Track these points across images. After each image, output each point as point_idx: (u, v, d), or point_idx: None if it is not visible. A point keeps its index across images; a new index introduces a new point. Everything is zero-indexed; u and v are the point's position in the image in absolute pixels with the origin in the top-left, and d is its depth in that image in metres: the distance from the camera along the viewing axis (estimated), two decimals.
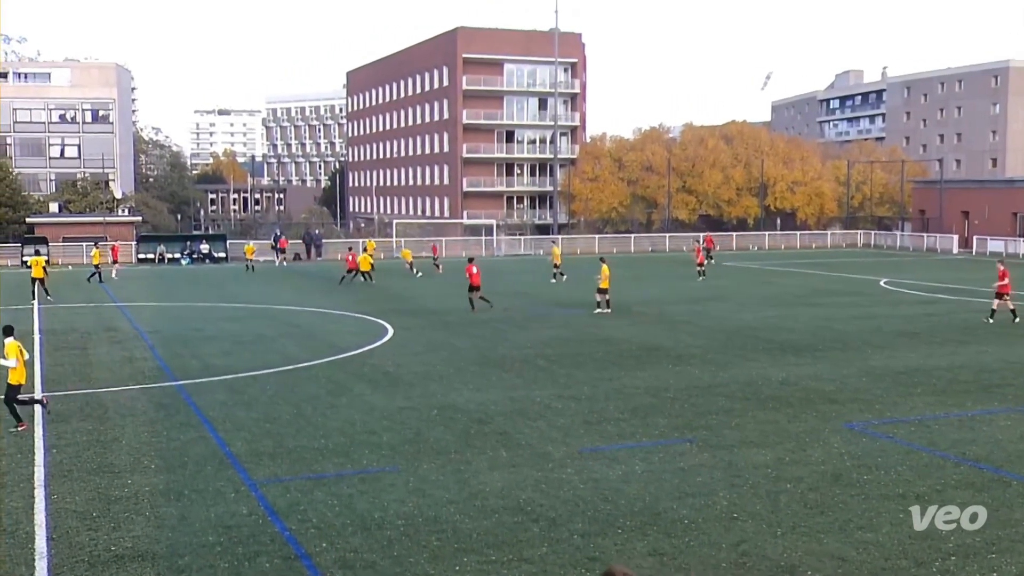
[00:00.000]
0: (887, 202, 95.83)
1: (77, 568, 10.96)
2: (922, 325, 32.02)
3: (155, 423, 17.99)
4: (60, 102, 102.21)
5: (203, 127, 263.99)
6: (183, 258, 66.39)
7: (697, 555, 11.38)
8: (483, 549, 11.52)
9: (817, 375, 22.74)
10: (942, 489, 13.84)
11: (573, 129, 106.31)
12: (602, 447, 16.25)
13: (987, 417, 18.51)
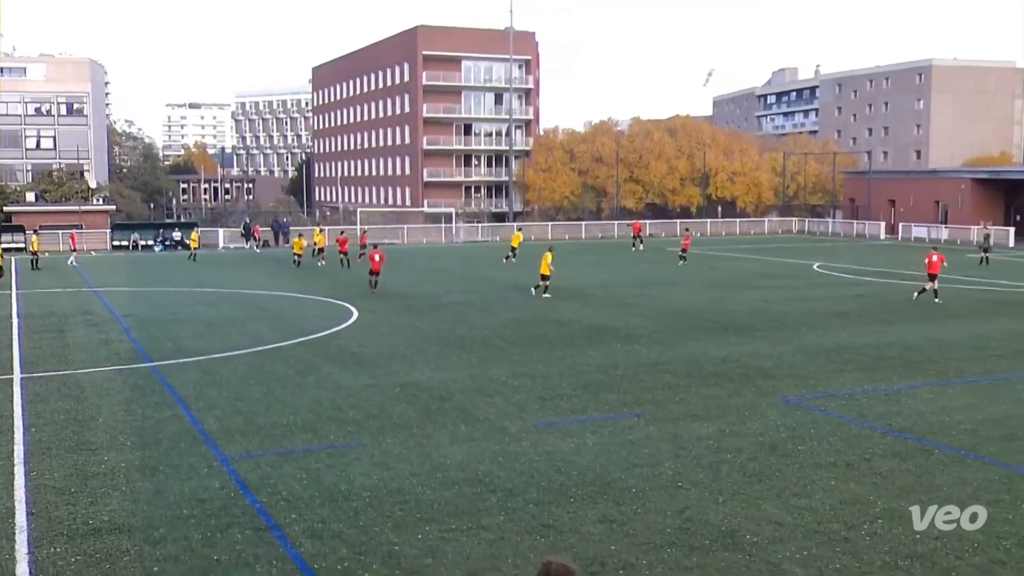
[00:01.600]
0: (820, 191, 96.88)
1: (56, 541, 10.86)
2: (852, 306, 32.43)
3: (130, 402, 17.83)
4: (36, 96, 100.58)
5: (174, 120, 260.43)
6: (156, 245, 65.66)
7: (644, 521, 11.48)
8: (444, 518, 11.56)
9: (756, 353, 22.98)
10: (870, 458, 14.08)
11: (527, 122, 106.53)
12: (555, 421, 16.33)
13: (911, 391, 18.81)
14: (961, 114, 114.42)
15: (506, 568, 10.15)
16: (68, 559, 10.36)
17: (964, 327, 27.41)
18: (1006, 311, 31.19)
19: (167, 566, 10.17)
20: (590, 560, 10.33)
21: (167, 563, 10.24)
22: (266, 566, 10.16)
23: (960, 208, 78.07)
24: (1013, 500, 12.22)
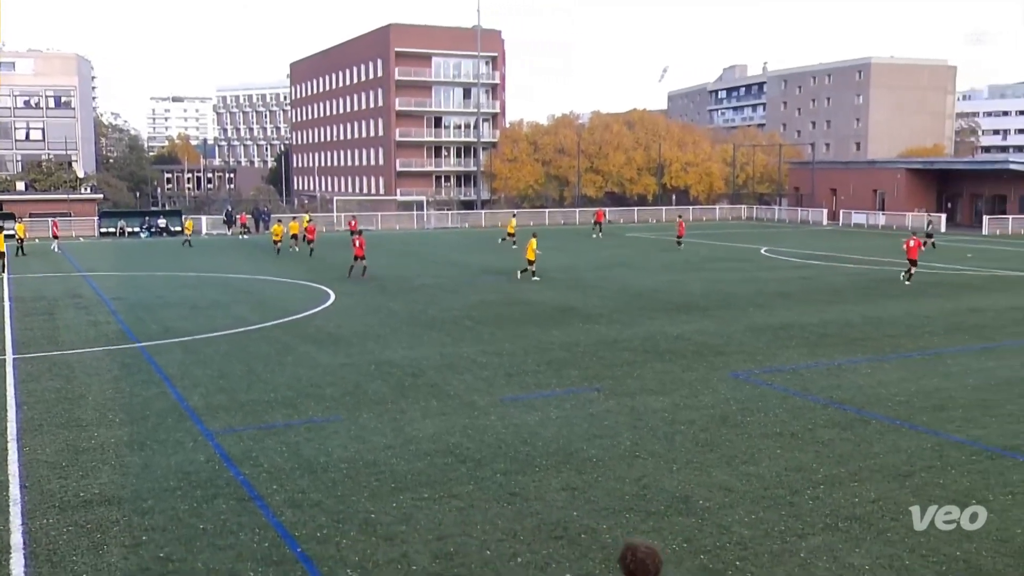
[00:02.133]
0: (767, 180, 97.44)
1: (49, 513, 10.77)
2: (796, 287, 32.74)
3: (119, 381, 17.67)
4: (24, 89, 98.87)
5: (159, 113, 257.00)
6: (142, 232, 64.88)
7: (604, 489, 11.57)
8: (416, 488, 11.58)
9: (707, 331, 23.14)
10: (813, 428, 14.25)
11: (494, 116, 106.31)
12: (521, 396, 16.38)
13: (851, 366, 19.05)
14: (897, 108, 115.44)
15: (475, 533, 10.19)
16: (60, 529, 10.29)
17: (900, 306, 27.76)
18: (937, 292, 31.61)
19: (155, 535, 10.12)
20: (553, 525, 10.39)
21: (155, 532, 10.19)
22: (249, 534, 10.14)
23: (896, 196, 78.98)
24: (943, 466, 12.44)
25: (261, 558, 9.56)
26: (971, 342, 21.78)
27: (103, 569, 9.32)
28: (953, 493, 11.35)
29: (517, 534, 10.17)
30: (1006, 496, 11.30)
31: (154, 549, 9.77)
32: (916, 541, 9.97)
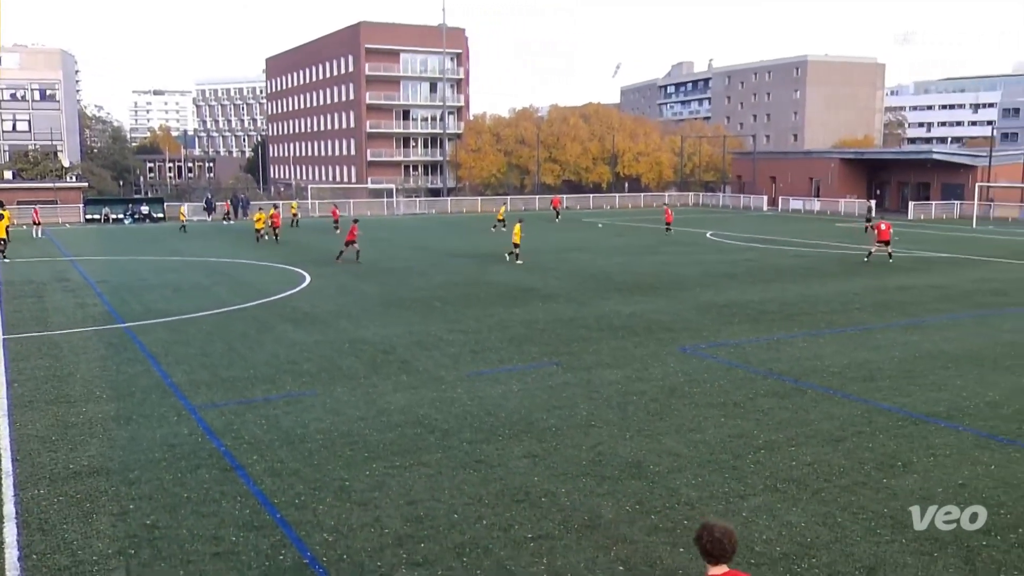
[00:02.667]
0: (712, 169, 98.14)
1: (40, 484, 10.66)
2: (740, 268, 33.03)
3: (105, 359, 17.44)
4: (10, 82, 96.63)
5: (141, 105, 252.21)
6: (126, 218, 63.81)
7: (562, 456, 11.65)
8: (388, 456, 11.59)
9: (657, 309, 23.31)
10: (754, 398, 14.43)
11: (459, 109, 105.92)
12: (485, 371, 16.41)
13: (789, 340, 19.29)
14: (831, 103, 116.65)
15: (444, 499, 10.23)
16: (51, 500, 10.18)
17: (833, 285, 28.13)
18: (867, 272, 32.06)
19: (142, 504, 10.05)
20: (516, 490, 10.45)
21: (142, 501, 10.12)
22: (231, 502, 10.10)
23: (830, 184, 79.91)
24: (872, 431, 12.68)
25: (242, 524, 9.53)
26: (897, 318, 22.15)
27: (92, 536, 9.24)
28: (881, 456, 11.59)
29: (482, 498, 10.23)
30: (928, 458, 11.56)
31: (141, 517, 9.70)
32: (848, 500, 10.16)
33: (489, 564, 8.66)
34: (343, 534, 9.28)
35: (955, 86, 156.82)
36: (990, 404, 14.06)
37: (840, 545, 9.06)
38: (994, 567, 8.60)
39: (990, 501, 10.14)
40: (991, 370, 16.37)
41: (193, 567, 8.60)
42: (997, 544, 9.08)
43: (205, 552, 8.89)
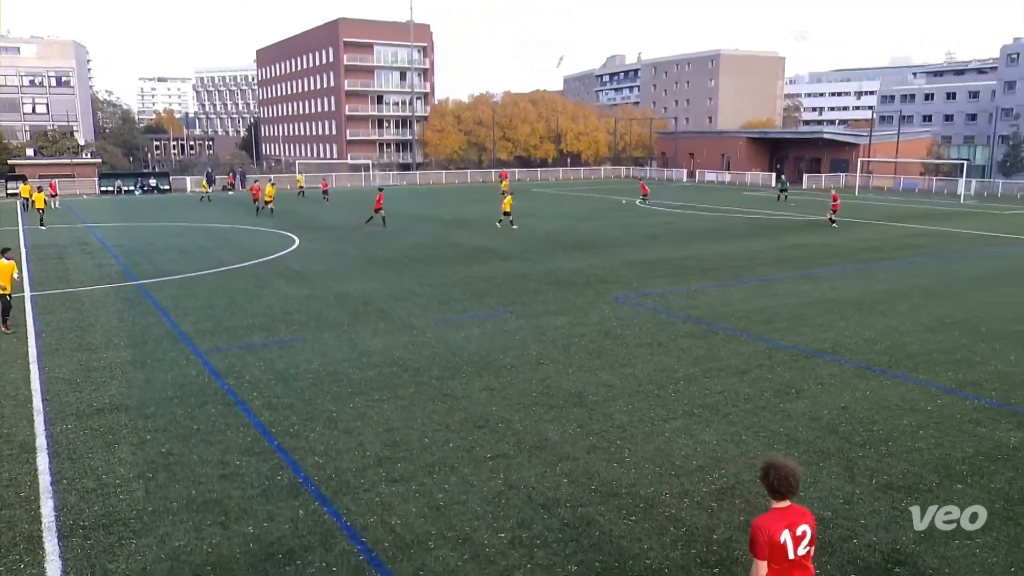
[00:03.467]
0: (640, 147, 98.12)
1: (67, 419, 10.50)
2: (663, 231, 33.29)
3: (122, 312, 17.11)
4: (30, 70, 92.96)
5: (146, 90, 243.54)
6: (136, 190, 62.11)
7: (516, 388, 11.76)
8: (369, 391, 11.60)
9: (594, 265, 23.45)
10: (675, 338, 14.65)
11: (425, 94, 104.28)
12: (451, 318, 16.42)
13: (703, 290, 19.56)
14: (740, 90, 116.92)
15: (416, 426, 10.28)
16: (78, 433, 10.05)
17: (740, 245, 28.51)
18: (769, 233, 32.53)
19: (157, 435, 9.96)
20: (477, 417, 10.54)
21: (157, 433, 10.03)
22: (235, 432, 10.05)
23: (739, 159, 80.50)
24: (771, 364, 12.98)
25: (245, 450, 9.50)
26: (793, 271, 22.55)
27: (115, 463, 9.15)
28: (778, 385, 11.87)
29: (449, 425, 10.30)
30: (817, 386, 11.88)
31: (157, 446, 9.63)
32: (751, 421, 10.42)
33: (455, 479, 8.76)
34: (331, 457, 9.30)
35: (842, 76, 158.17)
36: (867, 341, 14.46)
37: (744, 458, 9.31)
38: (868, 472, 8.92)
39: (866, 419, 10.48)
40: (868, 313, 16.81)
41: (203, 487, 8.57)
42: (870, 455, 9.42)
43: (213, 475, 8.87)
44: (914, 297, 18.56)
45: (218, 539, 7.56)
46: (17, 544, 7.52)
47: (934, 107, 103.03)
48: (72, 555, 7.32)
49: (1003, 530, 7.72)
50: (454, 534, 7.64)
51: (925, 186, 65.67)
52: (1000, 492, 8.49)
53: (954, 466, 9.10)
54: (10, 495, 8.46)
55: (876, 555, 7.30)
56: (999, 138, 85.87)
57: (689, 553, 7.34)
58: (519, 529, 7.73)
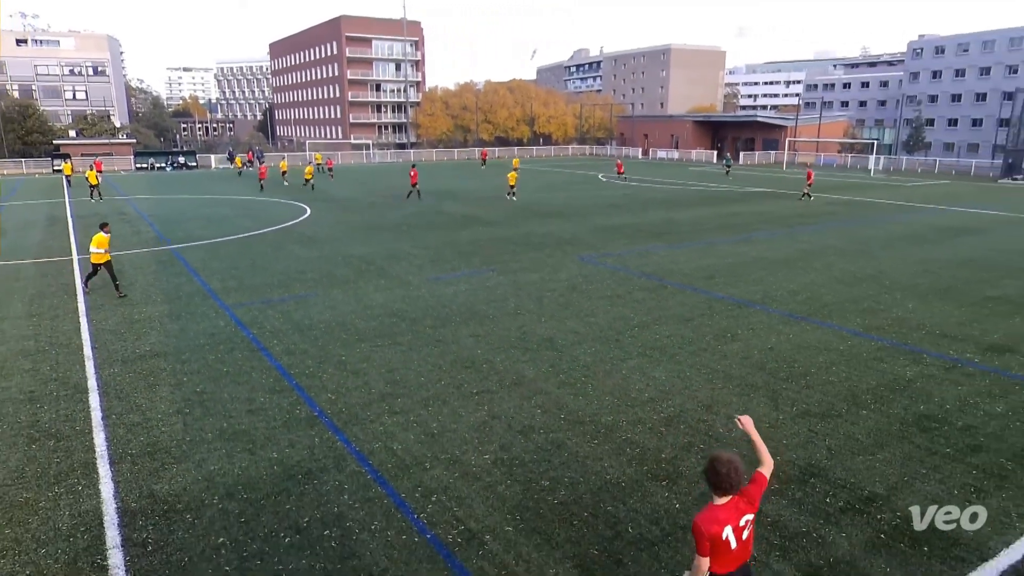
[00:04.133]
0: (602, 128, 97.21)
1: (114, 364, 10.41)
2: (622, 201, 33.21)
3: (158, 272, 16.87)
4: (69, 61, 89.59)
5: (173, 79, 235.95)
6: (167, 166, 60.71)
7: (497, 335, 11.81)
8: (372, 338, 11.60)
9: (563, 230, 23.41)
10: (631, 292, 14.72)
11: (417, 83, 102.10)
12: (441, 276, 16.38)
13: (655, 251, 19.63)
14: (687, 80, 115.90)
15: (413, 367, 10.32)
16: (124, 376, 9.99)
17: (687, 212, 28.55)
18: (712, 203, 32.59)
19: (192, 377, 9.92)
20: (465, 359, 10.60)
21: (192, 375, 9.99)
22: (259, 374, 10.04)
23: (686, 139, 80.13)
24: (711, 313, 13.12)
25: (268, 389, 9.50)
26: (731, 235, 22.67)
27: (157, 401, 9.13)
28: (717, 330, 12.02)
29: (441, 366, 10.36)
30: (749, 331, 12.05)
31: (192, 386, 9.60)
32: (694, 360, 10.57)
33: (447, 411, 8.85)
34: (341, 394, 9.34)
35: (774, 68, 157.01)
36: (790, 293, 14.64)
37: (688, 391, 9.47)
38: (789, 402, 9.12)
39: (789, 358, 10.67)
40: (792, 270, 16.98)
41: (233, 420, 8.59)
42: (792, 387, 9.61)
43: (241, 409, 8.88)
44: (829, 256, 18.77)
45: (247, 463, 7.61)
46: (75, 469, 7.53)
47: (851, 95, 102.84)
48: (122, 478, 7.34)
49: (898, 447, 7.96)
50: (446, 456, 7.74)
51: (842, 162, 65.93)
52: (897, 416, 8.73)
53: (860, 395, 9.33)
54: (67, 429, 8.43)
55: (795, 469, 7.52)
56: (904, 121, 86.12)
57: (642, 469, 7.50)
58: (501, 451, 7.84)
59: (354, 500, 6.92)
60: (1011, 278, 16.13)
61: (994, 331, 12.01)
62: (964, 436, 8.20)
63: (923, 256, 18.88)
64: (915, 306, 13.61)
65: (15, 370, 10.25)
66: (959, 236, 22.63)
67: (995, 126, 75.63)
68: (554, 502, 6.90)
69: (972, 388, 9.54)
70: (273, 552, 6.19)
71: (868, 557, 6.14)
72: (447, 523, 6.56)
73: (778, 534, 6.44)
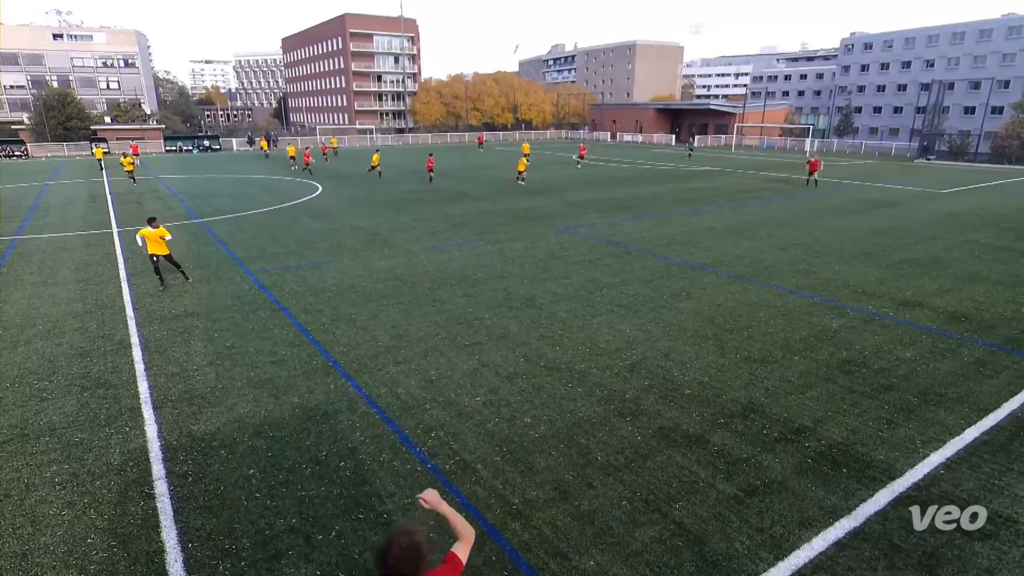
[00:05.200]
0: (576, 115, 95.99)
1: (153, 323, 10.31)
2: (595, 179, 32.97)
3: (189, 242, 16.61)
4: (102, 54, 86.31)
5: (196, 71, 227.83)
6: (193, 149, 59.26)
7: (486, 296, 11.81)
8: (378, 299, 11.56)
9: (543, 204, 23.25)
10: (601, 257, 14.72)
11: (414, 74, 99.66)
12: (437, 245, 16.27)
13: (622, 222, 19.58)
14: (651, 72, 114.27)
15: (414, 323, 10.32)
16: (162, 332, 9.90)
17: (649, 189, 28.42)
18: (671, 180, 32.44)
19: (223, 333, 9.86)
20: (459, 317, 10.61)
21: (222, 332, 9.93)
22: (281, 329, 10.00)
23: (648, 124, 79.36)
24: (669, 275, 13.17)
25: (288, 343, 9.48)
26: (686, 208, 22.65)
27: (192, 355, 9.08)
28: (674, 290, 12.10)
29: (438, 323, 10.37)
30: (700, 290, 12.14)
31: (222, 342, 9.55)
32: (654, 316, 10.65)
33: (443, 361, 8.89)
34: (352, 347, 9.35)
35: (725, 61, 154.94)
36: (737, 258, 14.73)
37: (650, 342, 9.58)
38: (734, 350, 9.26)
39: (735, 313, 10.79)
40: (739, 237, 17.05)
41: (259, 370, 8.58)
42: (736, 337, 9.75)
43: (266, 361, 8.87)
44: (770, 226, 18.86)
45: (272, 406, 7.64)
46: (123, 414, 7.52)
47: (791, 85, 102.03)
48: (164, 420, 7.35)
49: (824, 387, 8.14)
50: (443, 399, 7.81)
51: (782, 144, 65.77)
52: (823, 361, 8.91)
53: (793, 344, 9.49)
54: (114, 379, 8.39)
55: (737, 406, 7.68)
56: (836, 108, 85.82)
57: (609, 408, 7.63)
58: (490, 394, 7.93)
59: (365, 436, 7.00)
60: (921, 244, 16.35)
61: (906, 289, 12.21)
62: (879, 377, 8.40)
63: (849, 225, 19.02)
64: (841, 268, 13.77)
65: (67, 328, 10.13)
66: (879, 208, 22.80)
67: (913, 113, 75.64)
68: (535, 436, 7.02)
69: (886, 337, 9.74)
70: (296, 481, 6.27)
71: (797, 478, 6.33)
72: (444, 455, 6.66)
73: (723, 460, 6.61)
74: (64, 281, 12.89)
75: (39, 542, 5.55)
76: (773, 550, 5.44)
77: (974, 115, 69.97)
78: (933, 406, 7.65)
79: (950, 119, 69.60)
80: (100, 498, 6.04)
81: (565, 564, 5.28)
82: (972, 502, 5.96)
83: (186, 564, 5.29)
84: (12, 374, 8.51)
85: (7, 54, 79.99)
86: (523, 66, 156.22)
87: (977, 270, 13.58)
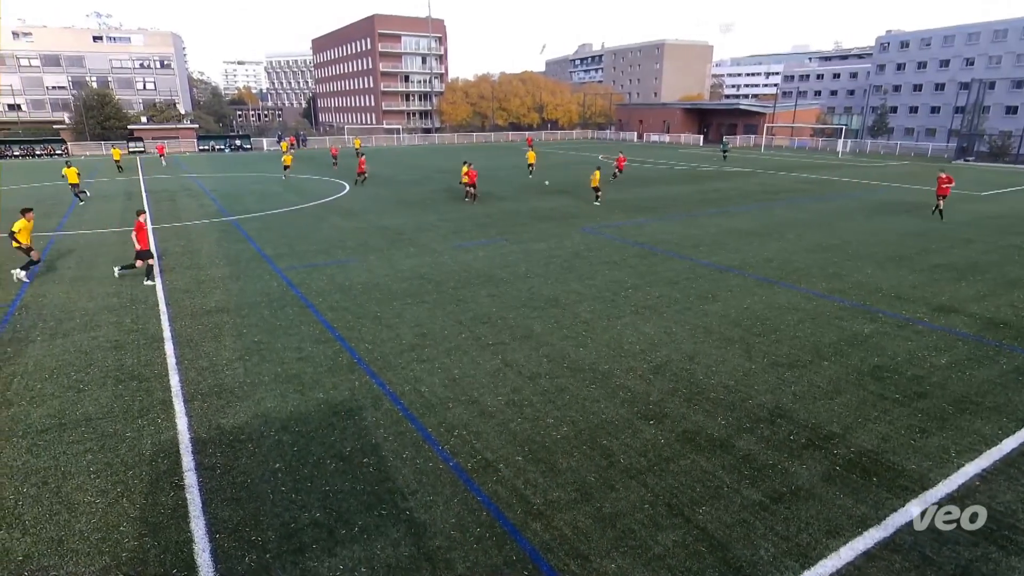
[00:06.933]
0: (603, 115, 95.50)
1: (185, 318, 10.55)
2: (621, 179, 32.75)
3: (220, 240, 16.96)
4: (139, 56, 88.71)
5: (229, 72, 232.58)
6: (226, 148, 60.49)
7: (510, 295, 11.82)
8: (403, 297, 11.65)
9: (568, 204, 23.18)
10: (626, 258, 14.62)
11: (440, 74, 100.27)
12: (462, 244, 16.33)
13: (647, 223, 19.41)
14: (679, 71, 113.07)
15: (438, 322, 10.38)
16: (194, 327, 10.12)
17: (674, 189, 28.11)
18: (695, 180, 32.01)
19: (251, 328, 10.04)
20: (483, 316, 10.63)
21: (251, 327, 10.11)
22: (308, 326, 10.14)
23: (676, 124, 78.52)
24: (695, 277, 13.02)
25: (314, 340, 9.61)
26: (713, 208, 22.36)
27: (221, 349, 9.26)
28: (700, 291, 11.96)
29: (462, 321, 10.41)
30: (727, 292, 11.98)
31: (251, 337, 9.72)
32: (679, 318, 10.54)
33: (466, 360, 8.92)
34: (377, 344, 9.43)
35: (756, 61, 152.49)
36: (764, 260, 14.49)
37: (674, 344, 9.48)
38: (761, 354, 9.11)
39: (762, 316, 10.62)
40: (767, 239, 16.78)
41: (286, 366, 8.71)
42: (763, 341, 9.59)
43: (293, 357, 9.00)
44: (799, 227, 18.51)
45: (298, 402, 7.75)
46: (155, 406, 7.71)
47: (823, 84, 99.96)
48: (194, 413, 7.51)
49: (855, 393, 7.96)
50: (466, 398, 7.84)
51: (813, 145, 64.47)
52: (854, 367, 8.71)
53: (822, 349, 9.30)
54: (147, 372, 8.60)
55: (764, 411, 7.55)
56: (870, 108, 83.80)
57: (632, 410, 7.57)
58: (512, 394, 7.93)
59: (388, 433, 7.05)
60: (958, 248, 15.87)
61: (942, 294, 11.87)
62: (912, 384, 8.18)
63: (882, 228, 18.57)
64: (873, 272, 13.45)
65: (103, 323, 10.42)
66: (914, 211, 22.20)
67: (951, 113, 73.44)
68: (557, 437, 6.99)
69: (921, 343, 9.48)
70: (321, 475, 6.35)
71: (825, 486, 6.20)
72: (467, 453, 6.68)
73: (748, 465, 6.50)
74: (100, 277, 13.27)
75: (74, 528, 5.73)
76: (799, 558, 5.33)
77: (1016, 115, 67.68)
78: (969, 415, 7.42)
79: (990, 119, 67.41)
80: (132, 488, 6.20)
81: (586, 566, 5.26)
82: (1009, 515, 5.77)
83: (213, 554, 5.40)
84: (51, 365, 8.80)
85: (50, 56, 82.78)
86: (550, 66, 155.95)
87: (1018, 275, 13.14)
